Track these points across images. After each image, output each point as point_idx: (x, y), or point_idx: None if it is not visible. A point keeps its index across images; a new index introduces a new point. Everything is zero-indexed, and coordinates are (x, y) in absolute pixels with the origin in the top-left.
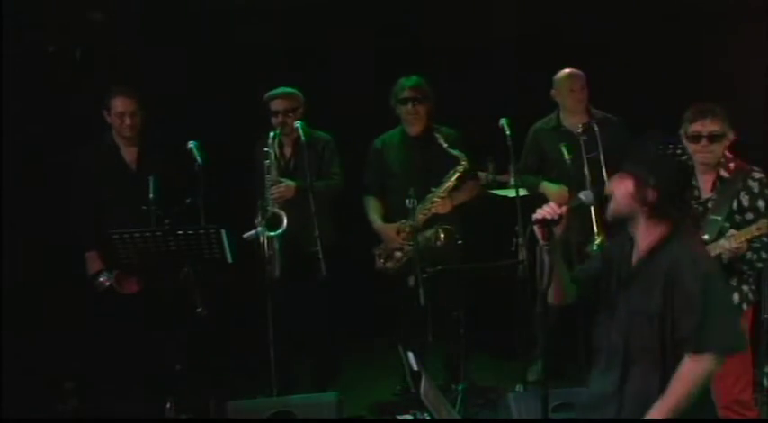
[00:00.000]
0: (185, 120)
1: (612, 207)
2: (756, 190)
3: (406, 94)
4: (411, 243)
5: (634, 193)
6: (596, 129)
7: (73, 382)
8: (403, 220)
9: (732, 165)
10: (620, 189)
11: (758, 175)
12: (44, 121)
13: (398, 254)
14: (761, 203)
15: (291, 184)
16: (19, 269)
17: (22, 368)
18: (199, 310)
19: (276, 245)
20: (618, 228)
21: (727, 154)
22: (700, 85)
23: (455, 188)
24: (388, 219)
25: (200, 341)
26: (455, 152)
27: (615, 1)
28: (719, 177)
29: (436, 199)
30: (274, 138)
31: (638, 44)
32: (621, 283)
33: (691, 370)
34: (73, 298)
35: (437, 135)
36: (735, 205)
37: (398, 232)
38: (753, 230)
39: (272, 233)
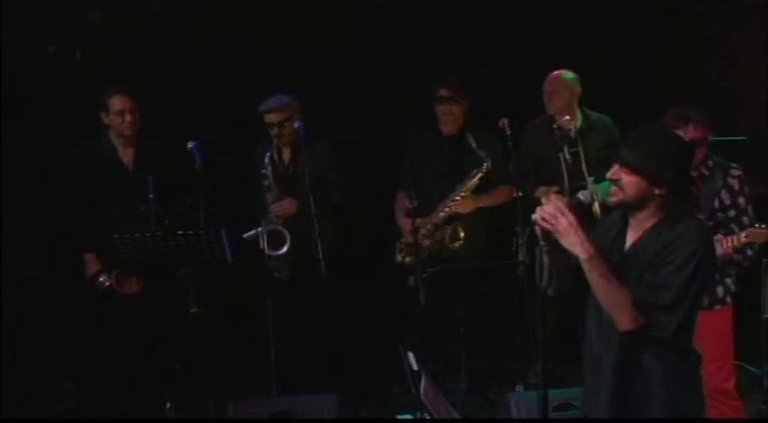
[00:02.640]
0: (185, 120)
1: (620, 195)
2: (737, 187)
3: (443, 92)
4: (427, 242)
5: (646, 187)
6: (572, 128)
7: (73, 382)
8: (424, 217)
9: (711, 162)
10: (629, 180)
11: (737, 173)
12: (44, 121)
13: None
14: (741, 200)
15: (293, 200)
16: (19, 269)
17: (22, 368)
18: (193, 310)
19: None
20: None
21: (705, 151)
22: (700, 86)
23: (482, 189)
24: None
25: (200, 341)
26: (481, 153)
27: (616, 1)
28: (700, 175)
29: (457, 198)
30: (271, 155)
31: (639, 44)
32: (618, 261)
33: (628, 298)
34: (73, 298)
35: (468, 135)
36: (716, 203)
37: (420, 228)
38: (741, 238)
39: (277, 252)
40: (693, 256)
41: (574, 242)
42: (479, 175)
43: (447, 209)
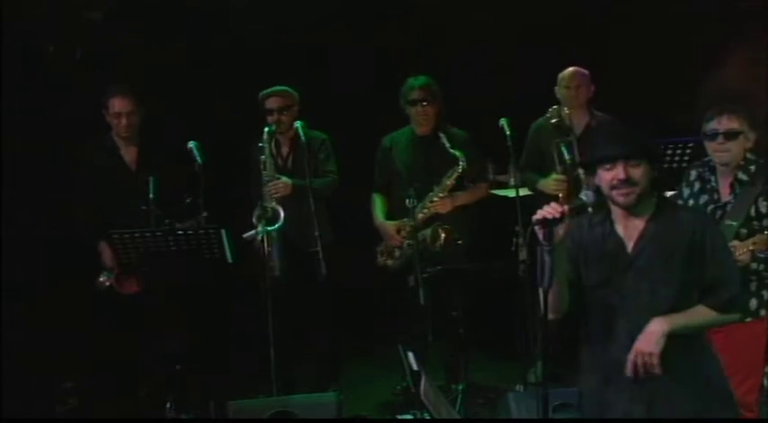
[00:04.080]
0: (185, 120)
1: (636, 190)
2: None
3: (415, 94)
4: (410, 242)
5: (651, 173)
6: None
7: (73, 382)
8: (404, 219)
9: (753, 167)
10: (639, 173)
11: None
12: (44, 121)
13: (397, 252)
14: None
15: (288, 180)
16: (19, 269)
17: (22, 368)
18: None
19: (274, 243)
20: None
21: (749, 156)
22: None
23: (459, 188)
24: (392, 217)
25: (201, 341)
26: (456, 153)
27: (617, 1)
28: (737, 180)
29: (435, 199)
30: (269, 134)
31: (639, 44)
32: (625, 264)
33: (707, 312)
34: (73, 298)
35: (441, 135)
36: (752, 211)
37: (399, 231)
38: (748, 246)
39: (269, 228)
40: (721, 234)
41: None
42: (455, 175)
43: (426, 210)
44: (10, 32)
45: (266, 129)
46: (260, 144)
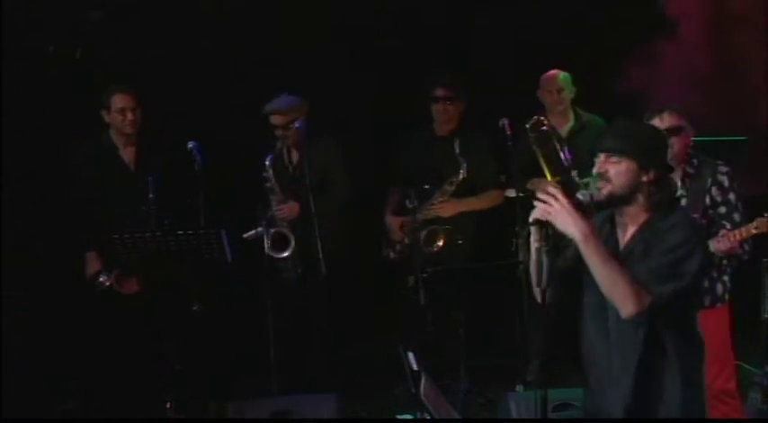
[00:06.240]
0: (185, 120)
1: (608, 187)
2: (726, 183)
3: (438, 92)
4: (409, 239)
5: (634, 173)
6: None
7: (73, 382)
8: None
9: (696, 161)
10: (617, 169)
11: (725, 169)
12: (44, 121)
13: (398, 246)
14: (732, 196)
15: (295, 204)
16: (19, 269)
17: (22, 368)
18: (195, 308)
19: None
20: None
21: (690, 150)
22: None
23: (469, 193)
24: (402, 212)
25: (200, 341)
26: (460, 160)
27: (616, 2)
28: (686, 173)
29: (435, 202)
30: (272, 158)
31: (636, 45)
32: None
33: (627, 278)
34: (73, 298)
35: (455, 139)
36: (708, 200)
37: (402, 226)
38: (750, 230)
39: (280, 255)
40: (686, 242)
41: (567, 223)
42: (455, 181)
43: (426, 212)
44: (10, 32)
45: (269, 156)
46: (263, 173)
